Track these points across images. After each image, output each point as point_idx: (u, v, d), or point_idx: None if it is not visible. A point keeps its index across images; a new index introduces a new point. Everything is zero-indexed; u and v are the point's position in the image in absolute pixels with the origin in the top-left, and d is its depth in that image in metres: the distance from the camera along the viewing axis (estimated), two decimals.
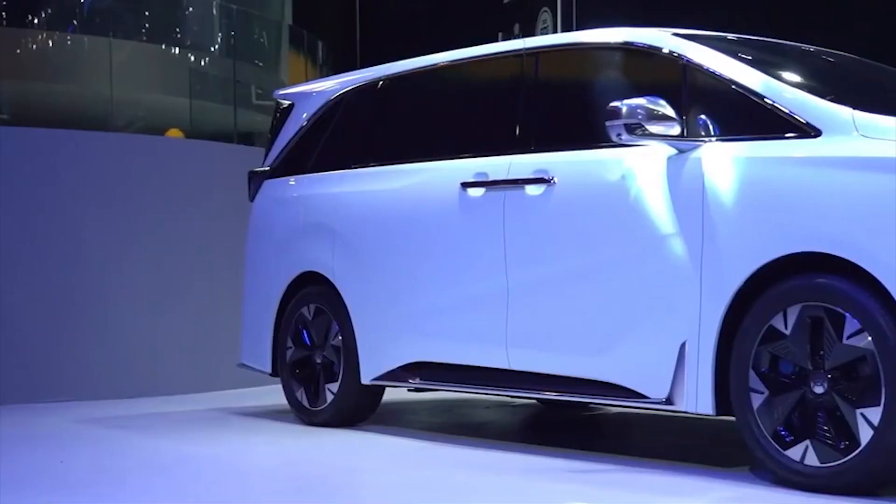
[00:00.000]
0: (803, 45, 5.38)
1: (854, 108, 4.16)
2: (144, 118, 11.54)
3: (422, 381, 5.53)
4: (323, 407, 6.01)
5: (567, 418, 6.57)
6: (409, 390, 5.88)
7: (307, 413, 6.11)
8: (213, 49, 12.15)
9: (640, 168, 4.61)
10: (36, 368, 7.38)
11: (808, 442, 4.04)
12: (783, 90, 4.36)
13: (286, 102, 6.70)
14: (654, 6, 10.35)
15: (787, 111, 4.28)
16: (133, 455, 5.35)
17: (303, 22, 14.15)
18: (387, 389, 6.03)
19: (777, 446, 4.11)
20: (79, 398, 7.39)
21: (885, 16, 9.16)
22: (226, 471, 4.92)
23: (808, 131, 4.19)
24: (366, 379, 5.77)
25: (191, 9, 12.23)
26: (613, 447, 5.51)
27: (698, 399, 4.36)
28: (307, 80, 11.37)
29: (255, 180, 6.66)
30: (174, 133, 10.73)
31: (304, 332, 6.17)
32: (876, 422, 3.85)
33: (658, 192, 4.53)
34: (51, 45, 11.48)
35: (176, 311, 7.90)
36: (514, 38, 10.69)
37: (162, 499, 4.27)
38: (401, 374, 5.60)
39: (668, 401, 4.46)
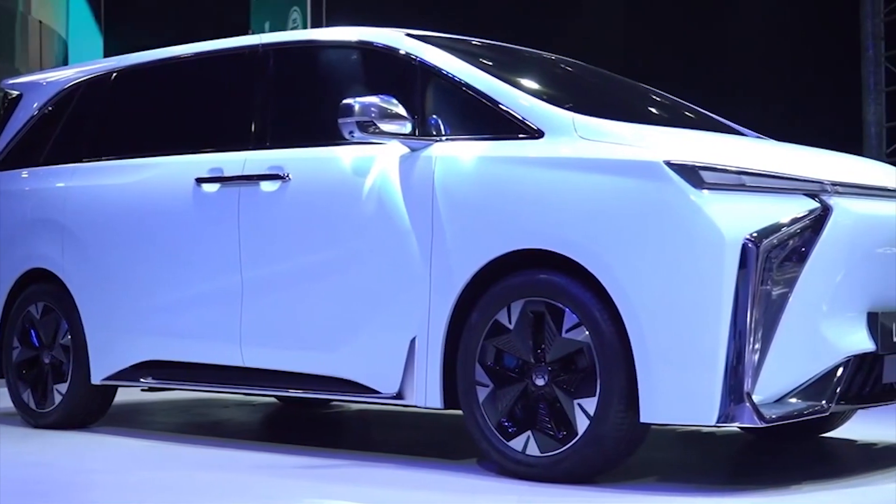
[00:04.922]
0: (545, 53, 5.57)
1: (576, 112, 4.33)
2: None
3: (154, 381, 5.41)
4: (51, 408, 5.80)
5: (307, 416, 6.58)
6: (143, 390, 5.75)
7: (34, 415, 5.89)
8: None
9: (373, 166, 4.65)
10: None
11: (529, 433, 4.16)
12: (509, 92, 4.49)
13: (15, 92, 6.45)
14: (408, 8, 10.48)
15: (512, 113, 4.41)
16: None
17: (46, 12, 13.64)
18: (123, 390, 5.88)
19: (501, 437, 4.22)
20: None
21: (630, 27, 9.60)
22: None
23: (532, 133, 4.33)
24: (96, 379, 5.60)
25: None
26: (350, 443, 5.56)
27: (427, 393, 4.44)
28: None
29: None
30: None
31: (32, 331, 5.95)
32: (592, 411, 4.01)
33: (390, 189, 4.59)
34: None
35: None
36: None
37: None
38: (133, 373, 5.46)
39: (399, 395, 4.52)
